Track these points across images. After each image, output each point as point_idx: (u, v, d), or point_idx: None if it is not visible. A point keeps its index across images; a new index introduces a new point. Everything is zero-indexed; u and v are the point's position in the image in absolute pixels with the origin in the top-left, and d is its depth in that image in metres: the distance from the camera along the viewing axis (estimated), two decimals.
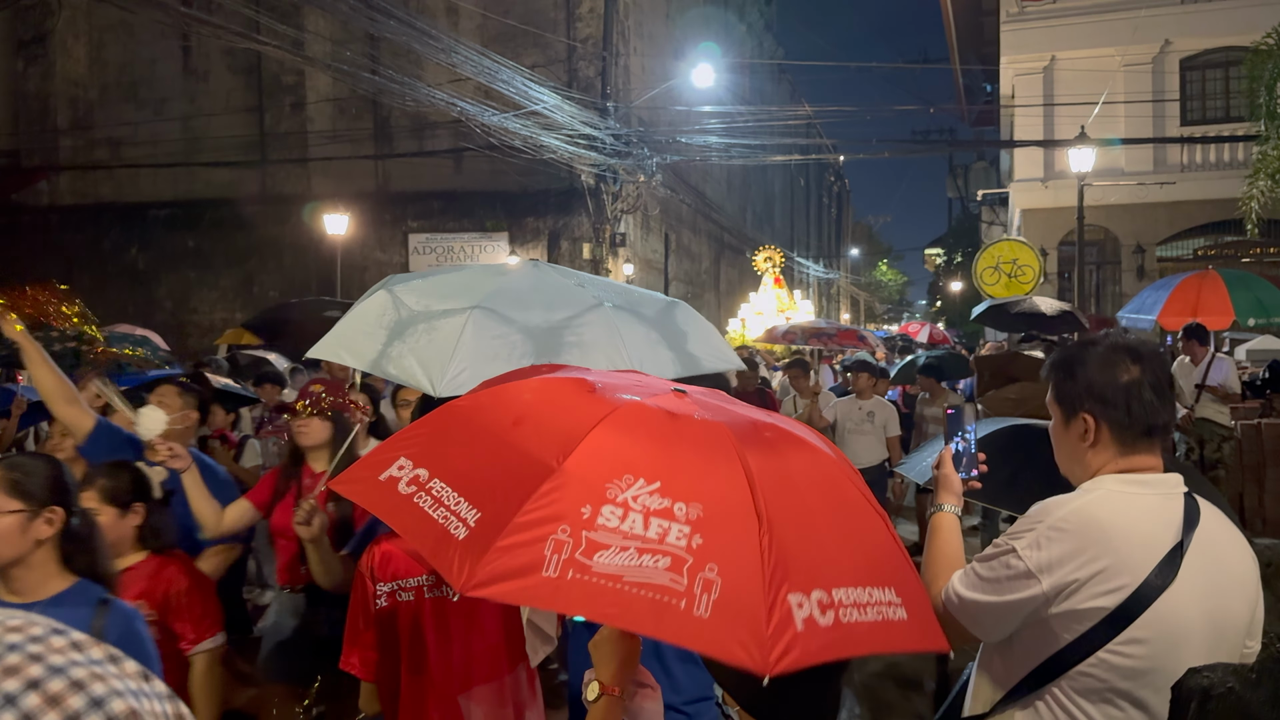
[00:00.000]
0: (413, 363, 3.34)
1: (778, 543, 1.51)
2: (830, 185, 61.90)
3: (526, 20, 20.37)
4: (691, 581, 1.44)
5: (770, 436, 1.78)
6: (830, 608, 1.49)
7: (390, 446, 1.85)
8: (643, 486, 1.54)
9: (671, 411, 1.74)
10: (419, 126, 20.32)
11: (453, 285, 3.78)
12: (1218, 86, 19.25)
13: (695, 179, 27.05)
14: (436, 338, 3.37)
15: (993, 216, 29.24)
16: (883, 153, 21.44)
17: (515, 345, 3.34)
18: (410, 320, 3.48)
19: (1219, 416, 8.99)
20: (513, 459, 1.67)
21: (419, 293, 3.62)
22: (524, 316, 3.44)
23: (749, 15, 37.60)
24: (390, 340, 3.44)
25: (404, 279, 3.83)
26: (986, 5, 23.49)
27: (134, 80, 22.58)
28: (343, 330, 3.69)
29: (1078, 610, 1.88)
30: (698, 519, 1.50)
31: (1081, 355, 2.10)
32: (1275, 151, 10.87)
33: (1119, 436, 2.02)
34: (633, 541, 1.47)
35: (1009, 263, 14.17)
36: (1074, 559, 1.88)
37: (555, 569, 1.45)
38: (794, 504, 1.62)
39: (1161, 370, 2.05)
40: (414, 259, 21.53)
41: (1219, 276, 10.65)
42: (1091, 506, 1.96)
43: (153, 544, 3.14)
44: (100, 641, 0.86)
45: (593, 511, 1.50)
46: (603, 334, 3.45)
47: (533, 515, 1.51)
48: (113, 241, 22.02)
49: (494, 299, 3.48)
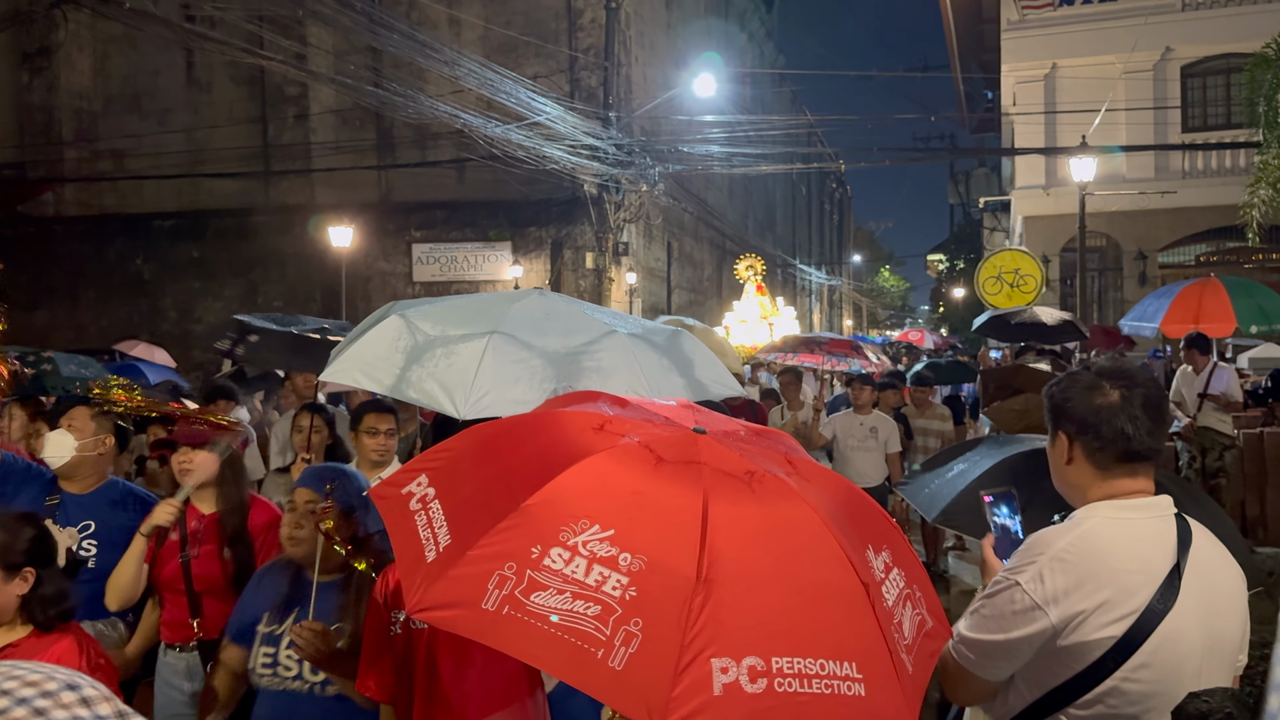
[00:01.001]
0: (434, 386, 3.38)
1: (715, 604, 1.50)
2: (832, 191, 61.95)
3: (528, 31, 20.45)
4: (614, 632, 1.45)
5: (763, 489, 1.74)
6: (764, 676, 1.46)
7: (418, 462, 1.91)
8: (596, 533, 1.56)
9: (660, 457, 1.74)
10: (422, 137, 20.39)
11: (466, 311, 3.83)
12: (1219, 93, 19.27)
13: (697, 187, 27.10)
14: (457, 362, 3.41)
15: (995, 223, 29.26)
16: (884, 160, 21.54)
17: (536, 370, 3.39)
18: (427, 345, 3.52)
19: (1221, 425, 8.98)
20: (495, 490, 1.71)
21: (433, 319, 3.67)
22: (542, 342, 3.50)
23: (750, 24, 37.69)
24: (409, 364, 3.47)
25: (413, 304, 3.90)
26: (987, 13, 23.55)
27: (138, 92, 22.69)
28: (357, 354, 3.67)
29: (1087, 641, 1.87)
30: (639, 571, 1.51)
31: (1071, 377, 2.12)
32: (1276, 160, 10.87)
33: (1093, 458, 2.02)
34: (570, 586, 1.49)
35: (1011, 272, 14.18)
36: (1079, 589, 1.89)
37: (494, 603, 1.48)
38: (756, 565, 1.60)
39: (1149, 397, 2.02)
40: (417, 269, 21.58)
41: (1221, 284, 10.64)
42: (1090, 535, 1.96)
43: (40, 617, 2.61)
44: (110, 698, 0.89)
45: (541, 552, 1.53)
46: (620, 360, 3.50)
47: (486, 549, 1.55)
48: (117, 252, 22.11)
49: (511, 324, 3.54)
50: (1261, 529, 8.79)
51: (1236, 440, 9.02)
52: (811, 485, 1.84)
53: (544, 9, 21.26)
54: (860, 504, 1.95)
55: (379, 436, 4.04)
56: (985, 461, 3.26)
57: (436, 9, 20.56)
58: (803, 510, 1.72)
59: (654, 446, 1.77)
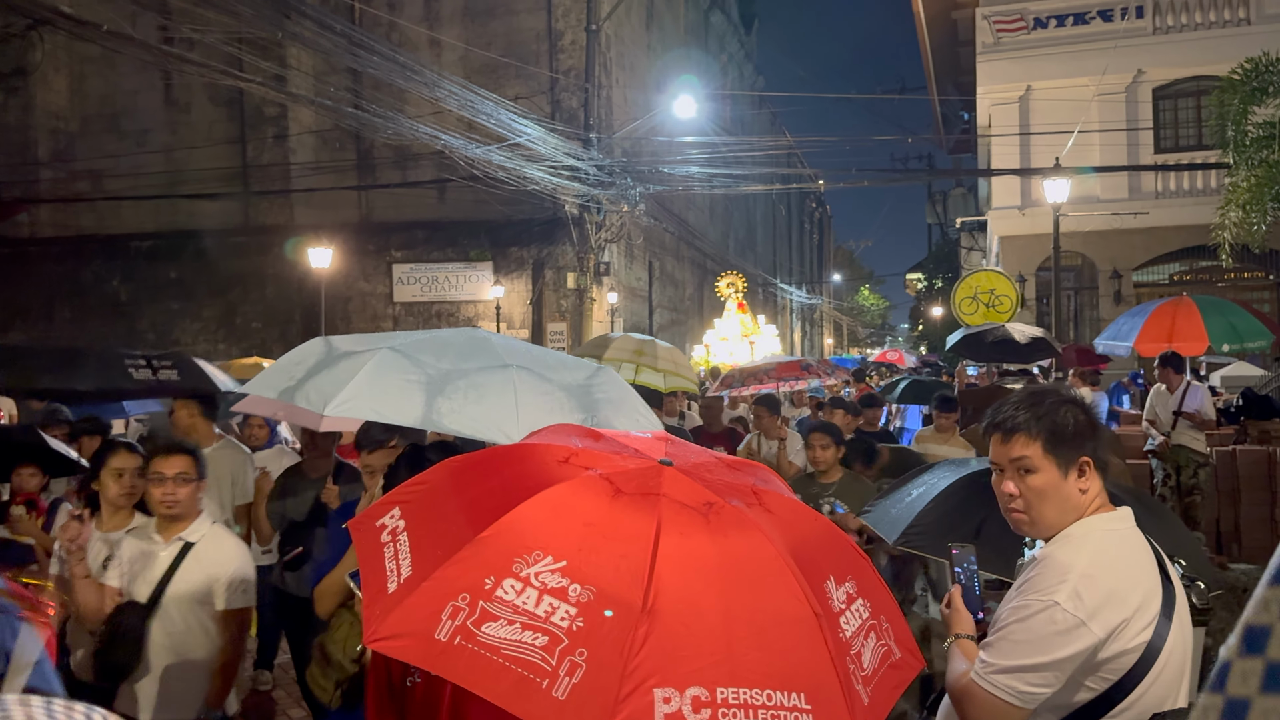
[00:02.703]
0: (309, 390, 3.40)
1: (660, 634, 1.51)
2: (812, 211, 62.39)
3: (509, 52, 20.55)
4: (560, 663, 1.46)
5: (719, 520, 1.74)
6: (708, 706, 1.47)
7: (396, 494, 1.93)
8: (549, 564, 1.58)
9: (619, 489, 1.76)
10: (402, 157, 20.42)
11: (388, 337, 3.85)
12: (1190, 114, 19.56)
13: (678, 207, 27.23)
14: (338, 370, 3.44)
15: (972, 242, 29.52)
16: (862, 181, 21.65)
17: (414, 386, 3.38)
18: (327, 360, 3.57)
19: (1195, 443, 9.08)
20: (458, 521, 1.72)
21: (351, 342, 3.73)
22: (437, 362, 3.51)
23: (729, 46, 38.02)
24: (302, 377, 3.51)
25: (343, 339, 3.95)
26: (963, 36, 23.85)
27: (115, 112, 22.63)
28: (264, 375, 3.84)
29: (1126, 650, 1.91)
30: (587, 602, 1.53)
31: (1075, 402, 2.16)
32: (1245, 183, 11.05)
33: (1099, 477, 2.12)
34: (521, 617, 1.51)
35: (987, 292, 14.32)
36: (1113, 600, 1.93)
37: (446, 634, 1.50)
38: (704, 595, 1.60)
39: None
40: (398, 289, 21.56)
41: (1193, 303, 10.77)
42: (1103, 550, 2.01)
43: None
44: None
45: (495, 583, 1.55)
46: (496, 390, 3.48)
47: (441, 580, 1.58)
48: (94, 273, 21.98)
49: (409, 346, 3.58)
50: (1236, 545, 8.88)
51: (1210, 458, 9.13)
52: (773, 517, 1.84)
53: (524, 31, 21.38)
54: (827, 536, 1.95)
55: (165, 484, 3.40)
56: (941, 483, 3.31)
57: (417, 31, 20.64)
58: (757, 540, 1.72)
59: (614, 479, 1.79)
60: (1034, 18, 20.06)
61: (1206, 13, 18.93)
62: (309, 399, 3.34)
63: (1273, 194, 10.78)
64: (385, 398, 3.29)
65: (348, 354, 3.52)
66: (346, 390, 3.24)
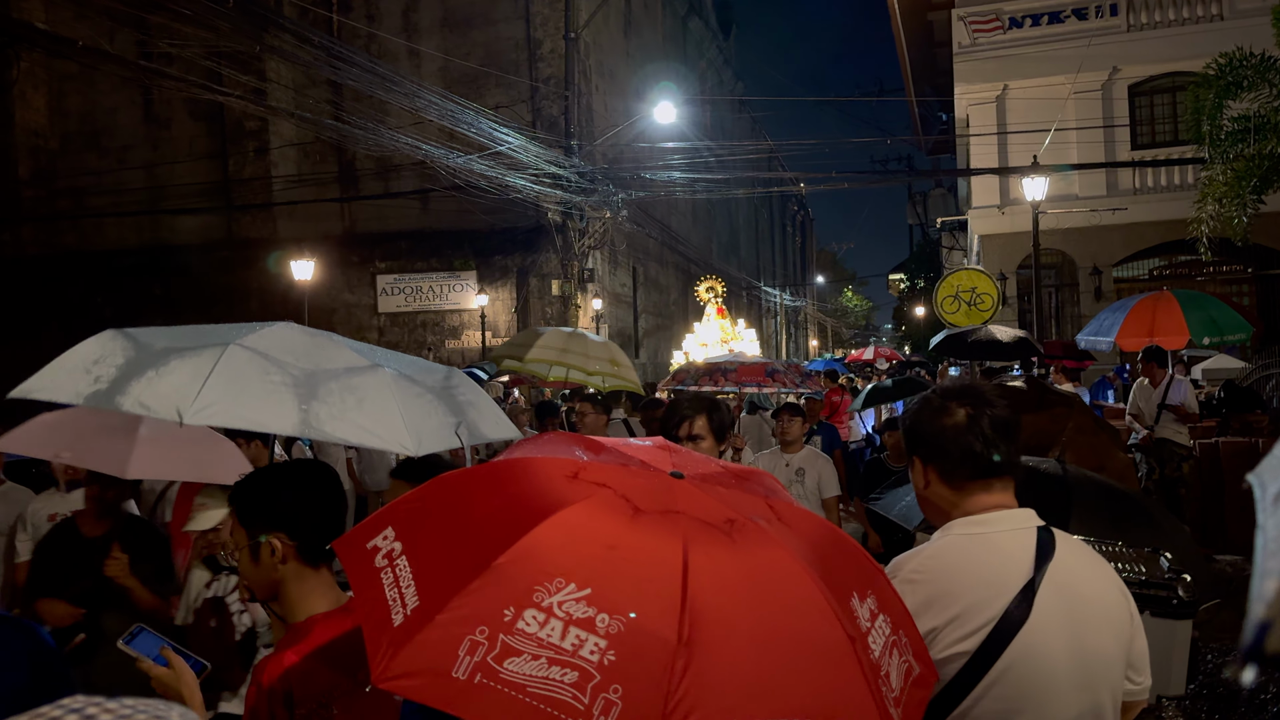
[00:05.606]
0: (141, 394, 2.72)
1: (698, 667, 1.42)
2: (794, 214, 62.64)
3: (488, 62, 20.59)
4: (593, 701, 1.36)
5: (744, 539, 1.66)
6: None
7: (384, 514, 1.76)
8: (571, 592, 1.46)
9: (638, 507, 1.66)
10: (384, 168, 20.42)
11: (207, 331, 3.26)
12: (1166, 111, 19.73)
13: (661, 212, 27.30)
14: (172, 370, 2.81)
15: (953, 241, 29.67)
16: (842, 184, 21.74)
17: (281, 388, 2.88)
18: (147, 358, 2.88)
19: (1178, 436, 9.18)
20: (466, 546, 1.60)
21: (159, 336, 3.10)
22: (295, 360, 3.03)
23: (708, 52, 38.18)
24: (117, 378, 2.81)
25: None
26: (939, 37, 23.99)
27: (96, 129, 22.53)
28: (49, 376, 2.93)
29: (940, 659, 1.87)
30: (617, 634, 1.42)
31: (922, 401, 2.14)
32: (1221, 176, 11.18)
33: (947, 478, 2.05)
34: (546, 651, 1.40)
35: (968, 291, 14.39)
36: (929, 608, 1.90)
37: (465, 671, 1.39)
38: (739, 622, 1.51)
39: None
40: (382, 300, 21.54)
41: (1174, 297, 10.85)
42: (939, 554, 1.99)
43: None
44: None
45: (514, 614, 1.43)
46: (380, 394, 3.06)
47: (456, 612, 1.45)
48: (78, 291, 21.85)
49: (256, 341, 3.05)
50: (1220, 537, 8.97)
51: (1193, 451, 9.22)
52: (793, 532, 1.77)
53: (504, 40, 21.43)
54: (842, 547, 1.88)
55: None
56: None
57: (396, 42, 20.64)
58: (785, 561, 1.64)
59: (631, 496, 1.68)
60: (1009, 17, 20.23)
61: (1180, 9, 19.13)
62: (144, 404, 2.67)
63: (1250, 187, 10.91)
64: (252, 402, 2.76)
65: (174, 350, 2.89)
66: (205, 393, 2.66)
